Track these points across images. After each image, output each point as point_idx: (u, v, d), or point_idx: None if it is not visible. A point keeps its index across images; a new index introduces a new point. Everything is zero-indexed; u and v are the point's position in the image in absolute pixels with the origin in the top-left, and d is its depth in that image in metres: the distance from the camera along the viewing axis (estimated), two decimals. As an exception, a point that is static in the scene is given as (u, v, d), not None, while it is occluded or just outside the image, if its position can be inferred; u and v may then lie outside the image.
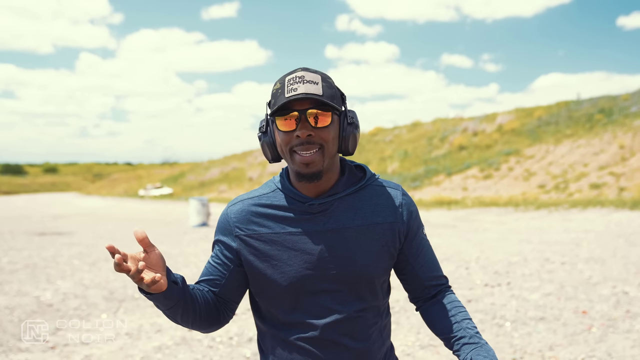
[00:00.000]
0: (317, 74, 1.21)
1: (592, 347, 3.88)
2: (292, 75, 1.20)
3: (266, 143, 1.27)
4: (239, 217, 1.28)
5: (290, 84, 1.18)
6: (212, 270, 1.31)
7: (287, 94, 1.17)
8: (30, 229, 13.71)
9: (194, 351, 4.04)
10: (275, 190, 1.30)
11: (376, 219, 1.27)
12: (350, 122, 1.25)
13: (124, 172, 64.48)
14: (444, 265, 7.13)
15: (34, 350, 4.07)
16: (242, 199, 1.32)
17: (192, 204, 14.66)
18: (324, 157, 1.20)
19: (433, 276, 1.35)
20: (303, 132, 1.17)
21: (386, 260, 1.29)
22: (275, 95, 1.21)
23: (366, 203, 1.28)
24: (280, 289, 1.24)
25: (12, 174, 67.79)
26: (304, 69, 1.22)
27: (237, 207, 1.30)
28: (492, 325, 4.48)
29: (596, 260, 7.14)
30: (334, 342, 1.25)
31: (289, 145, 1.20)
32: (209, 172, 38.96)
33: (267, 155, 1.29)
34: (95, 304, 5.48)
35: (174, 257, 8.57)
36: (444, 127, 30.17)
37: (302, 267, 1.23)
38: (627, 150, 18.57)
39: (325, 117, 1.19)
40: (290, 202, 1.26)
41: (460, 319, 1.29)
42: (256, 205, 1.28)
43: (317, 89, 1.18)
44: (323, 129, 1.19)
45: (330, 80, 1.24)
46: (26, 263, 8.04)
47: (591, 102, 25.74)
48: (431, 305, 1.36)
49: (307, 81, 1.18)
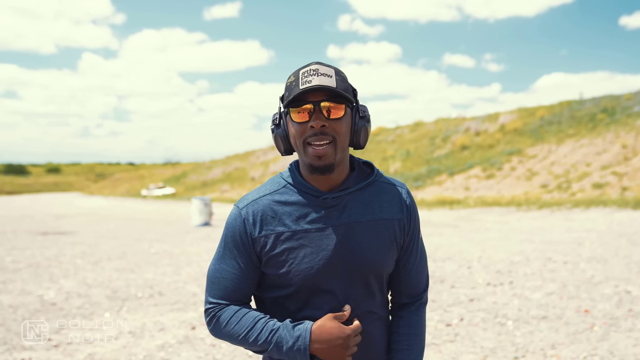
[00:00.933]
0: (330, 67, 1.23)
1: (594, 346, 3.88)
2: (307, 68, 1.21)
3: (279, 135, 1.28)
4: (255, 217, 1.26)
5: (304, 77, 1.20)
6: (238, 283, 1.28)
7: (302, 85, 1.19)
8: (33, 228, 13.75)
9: (196, 350, 4.06)
10: (286, 186, 1.29)
11: (385, 215, 1.29)
12: (362, 115, 1.27)
13: (127, 172, 64.58)
14: (446, 265, 7.14)
15: (37, 349, 4.09)
16: (254, 198, 1.29)
17: (194, 203, 14.68)
18: (336, 150, 1.21)
19: (413, 293, 1.38)
20: (317, 123, 1.19)
21: (394, 255, 1.31)
22: (289, 87, 1.23)
23: (375, 199, 1.29)
24: (295, 286, 1.24)
25: (14, 174, 67.92)
26: (318, 62, 1.23)
27: (252, 207, 1.27)
28: (494, 324, 4.49)
29: (598, 260, 7.14)
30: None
31: (303, 137, 1.21)
32: (211, 172, 39.00)
33: (279, 147, 1.30)
34: (98, 303, 5.49)
35: (176, 256, 8.59)
36: (446, 127, 30.14)
37: (317, 263, 1.23)
38: (630, 149, 18.53)
39: (338, 109, 1.21)
40: (304, 196, 1.26)
41: (404, 348, 1.34)
42: (270, 204, 1.27)
43: (330, 81, 1.19)
44: (336, 121, 1.20)
45: (343, 74, 1.26)
46: (29, 262, 8.07)
47: (594, 102, 25.69)
48: (394, 315, 1.39)
49: (321, 74, 1.19)
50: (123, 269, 7.42)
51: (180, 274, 7.04)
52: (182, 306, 5.36)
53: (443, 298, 5.40)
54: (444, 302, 5.25)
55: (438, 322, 4.59)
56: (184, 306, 5.35)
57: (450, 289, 5.78)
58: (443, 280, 6.23)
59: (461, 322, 4.58)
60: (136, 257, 8.52)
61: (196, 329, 4.55)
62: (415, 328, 1.36)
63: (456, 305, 5.10)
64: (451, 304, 5.17)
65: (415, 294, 1.38)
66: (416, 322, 1.36)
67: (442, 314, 4.82)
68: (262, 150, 38.30)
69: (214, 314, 1.28)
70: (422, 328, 1.37)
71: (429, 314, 4.82)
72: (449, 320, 4.62)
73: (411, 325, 1.36)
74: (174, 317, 4.96)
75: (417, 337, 1.35)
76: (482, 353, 3.82)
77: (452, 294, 5.58)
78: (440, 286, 5.93)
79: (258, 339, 1.21)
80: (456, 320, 4.62)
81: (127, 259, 8.33)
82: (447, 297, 5.45)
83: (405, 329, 1.35)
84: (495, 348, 3.91)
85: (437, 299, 5.37)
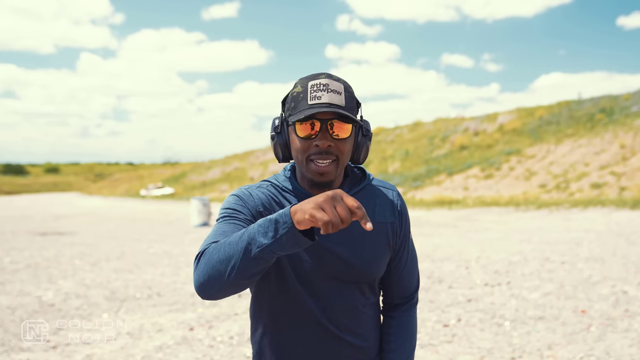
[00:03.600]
0: (340, 82, 1.19)
1: (590, 346, 3.89)
2: (317, 81, 1.18)
3: (279, 144, 1.26)
4: (259, 198, 1.24)
5: (313, 91, 1.16)
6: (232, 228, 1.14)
7: (311, 100, 1.16)
8: (32, 228, 13.74)
9: (194, 350, 4.06)
10: (282, 190, 1.28)
11: (377, 219, 1.29)
12: (365, 133, 1.26)
13: (126, 172, 64.58)
14: (445, 265, 7.15)
15: (35, 350, 4.10)
16: (255, 186, 1.27)
17: (193, 203, 14.70)
18: (338, 168, 1.21)
19: (404, 294, 1.39)
20: (323, 142, 1.17)
21: (387, 258, 1.32)
22: (296, 99, 1.19)
23: (368, 203, 1.30)
24: (290, 284, 1.25)
25: (13, 174, 67.90)
26: (328, 75, 1.20)
27: (254, 190, 1.25)
28: (491, 324, 4.50)
29: (596, 260, 7.15)
30: (337, 338, 1.28)
31: (307, 153, 1.19)
32: (211, 172, 39.01)
33: (277, 155, 1.28)
34: (97, 304, 5.50)
35: (175, 256, 8.60)
36: (445, 126, 30.17)
37: (312, 263, 1.24)
38: (628, 149, 18.56)
39: (345, 130, 1.18)
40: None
41: (395, 348, 1.34)
42: (271, 196, 1.26)
43: (340, 99, 1.17)
44: (342, 141, 1.18)
45: (351, 89, 1.23)
46: (28, 263, 8.08)
47: (592, 102, 25.73)
48: (385, 316, 1.40)
49: (331, 90, 1.16)
50: (122, 270, 7.43)
51: (179, 275, 7.05)
52: (180, 307, 5.36)
53: (441, 298, 5.41)
54: (442, 302, 5.26)
55: (436, 322, 4.60)
56: (183, 307, 5.36)
57: (448, 290, 5.79)
58: (441, 280, 6.24)
59: (459, 322, 4.59)
60: (135, 258, 8.52)
61: (194, 330, 4.56)
62: (406, 328, 1.37)
63: (454, 306, 5.12)
64: (449, 304, 5.19)
65: (406, 295, 1.39)
66: (407, 323, 1.38)
67: (439, 315, 4.83)
68: (262, 151, 38.34)
69: (205, 250, 1.07)
70: (414, 328, 1.39)
71: (426, 314, 4.83)
72: (447, 321, 4.63)
73: (402, 326, 1.37)
74: (173, 317, 4.97)
75: (409, 337, 1.37)
76: (479, 354, 3.83)
77: (450, 294, 5.59)
78: (439, 286, 5.94)
79: (241, 242, 1.00)
80: (454, 321, 4.63)
81: (126, 260, 8.34)
82: (445, 297, 5.46)
83: (396, 329, 1.37)
84: (492, 348, 3.92)
85: (435, 299, 5.38)
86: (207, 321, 4.80)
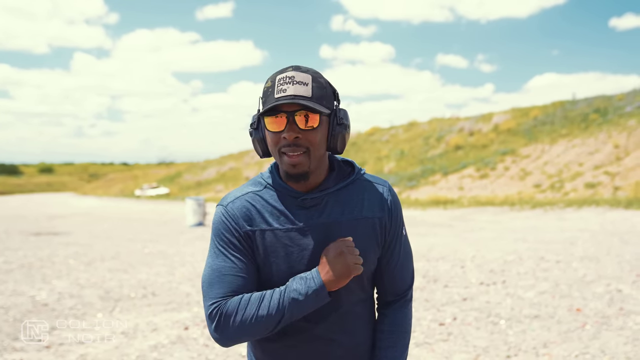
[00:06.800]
0: (307, 73, 1.19)
1: (585, 344, 3.90)
2: (283, 74, 1.18)
3: (257, 139, 1.27)
4: (241, 213, 1.26)
5: (280, 84, 1.17)
6: (241, 276, 1.22)
7: (277, 94, 1.16)
8: (26, 228, 13.66)
9: (189, 350, 4.05)
10: (266, 187, 1.29)
11: (366, 214, 1.28)
12: (339, 122, 1.24)
13: (120, 172, 64.38)
14: (440, 265, 7.16)
15: (29, 350, 4.07)
16: (236, 196, 1.29)
17: (188, 203, 14.67)
18: (310, 159, 1.20)
19: (397, 291, 1.37)
20: (290, 135, 1.17)
21: (376, 254, 1.30)
22: (266, 93, 1.20)
23: (355, 198, 1.29)
24: (275, 285, 1.23)
25: (7, 174, 67.55)
26: (295, 68, 1.20)
27: (237, 203, 1.27)
28: (487, 323, 4.51)
29: (591, 259, 7.18)
30: (327, 338, 1.26)
31: (278, 146, 1.20)
32: (206, 172, 38.93)
33: (257, 150, 1.29)
34: (91, 304, 5.47)
35: (170, 256, 8.57)
36: (440, 126, 30.24)
37: (298, 263, 1.23)
38: (622, 149, 18.66)
39: (312, 120, 1.18)
40: (284, 198, 1.26)
41: (389, 345, 1.34)
42: (253, 202, 1.27)
43: (306, 90, 1.17)
44: (310, 132, 1.18)
45: (322, 79, 1.22)
46: (22, 263, 8.02)
47: (586, 102, 25.86)
48: (379, 313, 1.39)
49: (296, 82, 1.16)
50: (116, 269, 7.39)
51: (174, 274, 7.03)
52: (175, 306, 5.34)
53: (436, 297, 5.41)
54: (438, 301, 5.27)
55: (431, 321, 4.60)
56: (178, 306, 5.34)
57: (444, 289, 5.80)
58: (437, 279, 6.25)
59: (454, 321, 4.59)
60: (130, 258, 8.48)
61: (189, 329, 4.54)
62: (399, 325, 1.36)
63: (449, 305, 5.12)
64: (444, 303, 5.19)
65: (399, 292, 1.37)
66: (401, 320, 1.37)
67: (435, 313, 4.83)
68: (257, 150, 38.24)
69: (219, 309, 1.19)
70: (407, 325, 1.38)
71: (422, 313, 4.84)
72: (442, 320, 4.63)
73: (396, 323, 1.36)
74: (167, 317, 4.95)
75: (402, 334, 1.36)
76: (475, 352, 3.84)
77: (446, 293, 5.60)
78: (434, 285, 5.95)
79: (271, 307, 1.16)
80: (449, 320, 4.63)
81: (121, 259, 8.30)
82: (441, 296, 5.46)
83: (389, 326, 1.35)
84: (487, 347, 3.93)
85: (431, 298, 5.39)
86: (202, 320, 4.78)
